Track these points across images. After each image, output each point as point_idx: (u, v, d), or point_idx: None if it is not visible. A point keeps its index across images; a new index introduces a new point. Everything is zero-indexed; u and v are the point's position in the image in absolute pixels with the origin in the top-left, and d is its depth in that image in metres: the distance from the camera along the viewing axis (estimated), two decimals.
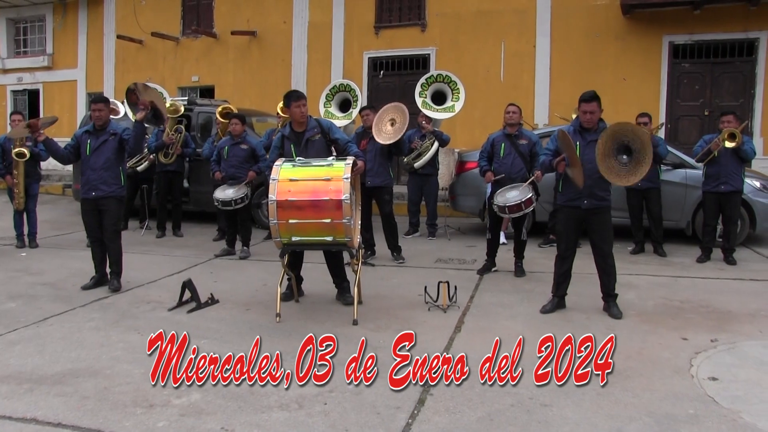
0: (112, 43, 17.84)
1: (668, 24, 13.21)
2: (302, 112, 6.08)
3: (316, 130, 6.13)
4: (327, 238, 5.56)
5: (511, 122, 7.40)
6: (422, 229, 10.10)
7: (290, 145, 6.12)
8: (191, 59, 16.96)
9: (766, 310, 6.06)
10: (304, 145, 6.08)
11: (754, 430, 3.67)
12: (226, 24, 16.33)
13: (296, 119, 6.12)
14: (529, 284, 7.04)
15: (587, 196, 5.77)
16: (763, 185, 9.02)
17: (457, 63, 13.71)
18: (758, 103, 12.91)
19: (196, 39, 16.86)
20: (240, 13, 16.25)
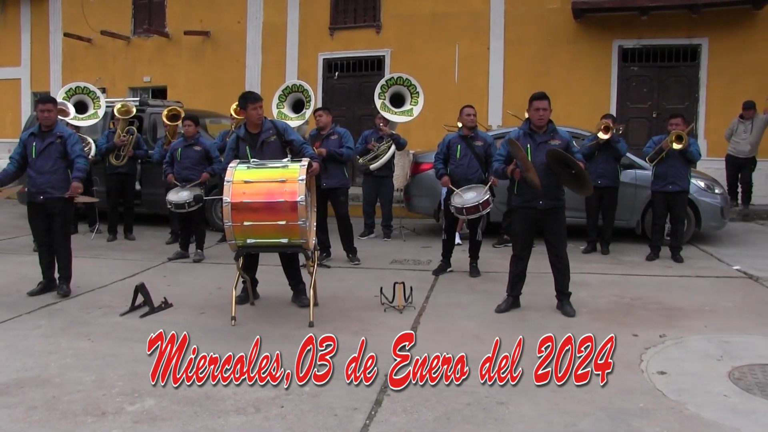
0: (58, 41, 17.37)
1: (618, 29, 13.48)
2: (259, 114, 6.06)
3: (272, 132, 6.11)
4: (282, 240, 5.55)
5: (470, 124, 7.48)
6: (377, 230, 10.14)
7: (245, 147, 6.08)
8: (143, 59, 16.68)
9: (710, 306, 6.25)
10: (259, 146, 6.05)
11: (699, 420, 3.80)
12: (179, 24, 16.11)
13: (252, 121, 6.09)
14: (484, 284, 7.13)
15: (543, 196, 5.86)
16: (707, 185, 9.30)
17: (412, 65, 13.75)
18: (702, 107, 13.26)
19: (148, 38, 16.60)
20: (193, 13, 16.05)
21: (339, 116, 13.70)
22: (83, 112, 10.44)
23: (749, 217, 11.71)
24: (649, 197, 8.98)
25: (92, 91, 10.54)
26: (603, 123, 8.63)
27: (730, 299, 6.52)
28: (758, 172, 11.83)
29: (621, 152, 8.78)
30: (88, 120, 10.44)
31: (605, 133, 8.55)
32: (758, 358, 4.76)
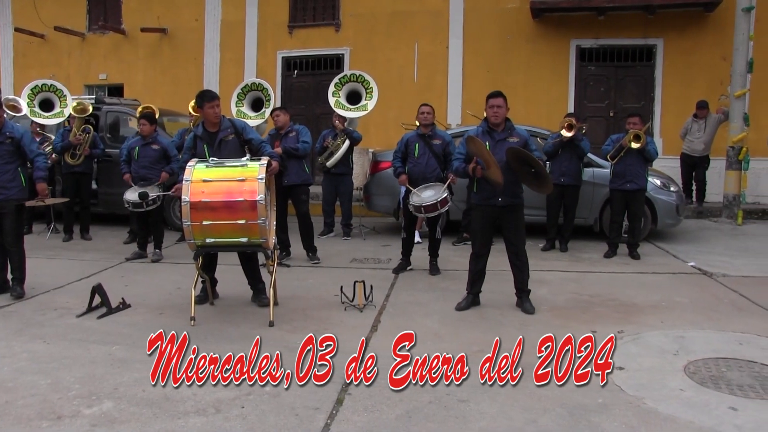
0: (9, 36, 16.88)
1: (575, 28, 13.66)
2: (216, 113, 5.98)
3: (230, 131, 6.05)
4: (242, 240, 5.50)
5: (425, 123, 7.50)
6: (337, 229, 10.11)
7: (203, 146, 6.01)
8: (98, 56, 16.35)
9: (667, 302, 6.37)
10: (217, 145, 5.99)
11: (656, 414, 3.87)
12: (136, 20, 15.83)
13: (209, 120, 6.02)
14: (444, 282, 7.15)
15: (502, 193, 5.90)
16: (663, 183, 9.47)
17: (371, 63, 13.75)
18: (657, 106, 13.51)
19: (104, 35, 16.28)
20: (150, 10, 15.78)
21: (298, 115, 13.69)
22: (49, 111, 10.21)
23: (703, 214, 11.98)
24: (606, 195, 9.13)
25: (59, 89, 10.31)
26: (567, 121, 8.73)
27: (685, 295, 6.65)
28: (711, 171, 12.09)
29: (584, 150, 8.89)
30: (54, 118, 10.22)
31: (569, 131, 8.64)
32: (712, 353, 4.87)
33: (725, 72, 12.12)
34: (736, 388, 4.25)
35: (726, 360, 4.74)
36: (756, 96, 12.15)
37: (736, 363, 4.69)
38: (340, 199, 10.01)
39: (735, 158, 11.48)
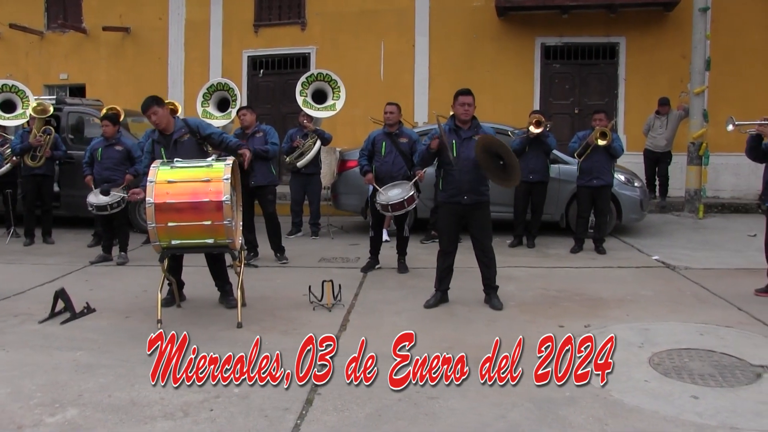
0: None
1: (540, 26, 13.78)
2: (156, 120, 5.92)
3: (184, 131, 5.98)
4: (208, 241, 5.45)
5: (389, 122, 7.52)
6: (305, 228, 10.07)
7: (160, 149, 5.96)
8: (59, 55, 16.04)
9: (632, 295, 6.47)
10: (172, 146, 5.92)
11: (622, 406, 3.94)
12: (97, 19, 15.56)
13: (156, 126, 5.98)
14: (412, 280, 7.17)
15: (468, 191, 5.93)
16: (627, 179, 9.61)
17: (337, 62, 13.71)
18: (620, 103, 13.70)
19: (64, 34, 15.98)
20: (112, 8, 15.53)
21: (264, 114, 13.56)
22: (11, 111, 10.00)
23: (666, 208, 12.18)
24: (572, 191, 9.25)
25: (21, 90, 10.09)
26: (534, 117, 8.79)
27: (649, 288, 6.77)
28: (674, 166, 12.30)
29: (551, 146, 8.99)
30: (16, 120, 10.00)
31: (537, 128, 8.71)
32: (675, 344, 4.96)
33: (685, 69, 12.33)
34: (698, 377, 4.35)
35: (688, 350, 4.84)
36: (714, 93, 12.38)
37: (697, 353, 4.79)
38: (308, 198, 9.98)
39: (695, 154, 11.68)
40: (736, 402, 3.97)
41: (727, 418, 3.76)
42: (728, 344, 4.97)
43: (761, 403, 3.97)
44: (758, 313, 5.80)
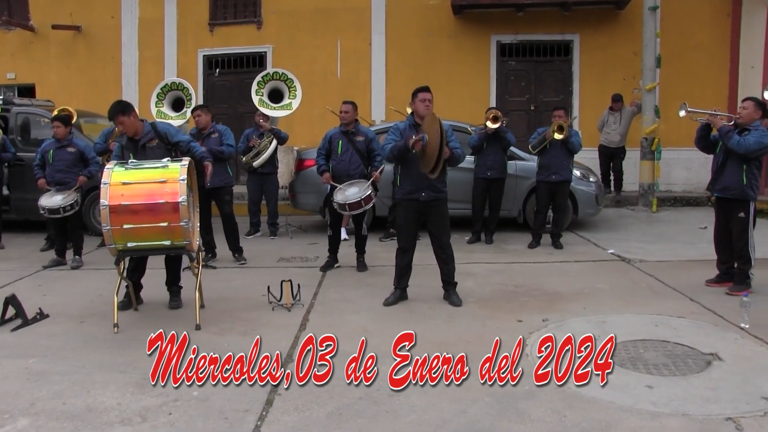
0: None
1: (495, 24, 13.89)
2: (123, 129, 5.87)
3: (151, 136, 5.91)
4: (165, 243, 5.38)
5: (344, 121, 7.51)
6: (263, 228, 10.01)
7: (129, 155, 5.87)
8: (5, 54, 15.54)
9: (589, 289, 6.59)
10: (141, 151, 5.85)
11: (580, 398, 4.01)
12: (46, 17, 15.14)
13: (124, 131, 5.91)
14: (371, 278, 7.18)
15: (425, 188, 5.96)
16: (582, 174, 9.76)
17: (294, 61, 13.64)
18: (575, 99, 13.89)
19: (10, 32, 15.49)
20: (61, 6, 15.14)
21: (220, 114, 13.47)
22: None
23: (621, 203, 12.41)
24: (530, 187, 9.39)
25: None
26: (491, 113, 8.85)
27: (605, 281, 6.89)
28: (628, 161, 12.54)
29: (510, 142, 9.08)
30: None
31: (494, 123, 8.77)
32: (631, 335, 5.07)
33: (637, 66, 12.58)
34: (652, 367, 4.45)
35: (643, 341, 4.95)
36: (665, 89, 12.67)
37: (652, 344, 4.91)
38: (265, 198, 9.91)
39: (648, 149, 11.92)
40: (687, 389, 4.08)
41: (680, 405, 3.86)
42: (681, 334, 5.09)
43: (710, 389, 4.09)
44: (709, 303, 5.96)
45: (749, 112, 6.24)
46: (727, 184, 6.33)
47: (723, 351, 4.71)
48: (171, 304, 6.09)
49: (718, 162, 6.43)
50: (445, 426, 3.69)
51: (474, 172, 9.13)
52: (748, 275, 6.33)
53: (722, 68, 13.47)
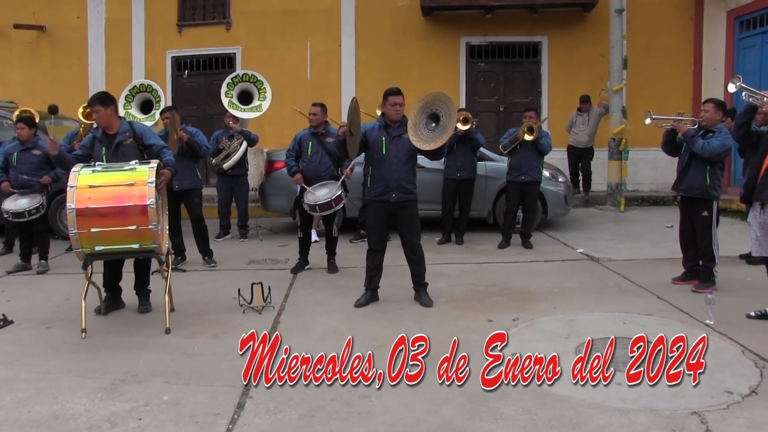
0: None
1: (465, 26, 13.98)
2: (96, 119, 5.82)
3: (128, 134, 5.85)
4: (133, 246, 5.32)
5: (313, 123, 7.51)
6: (234, 231, 9.95)
7: (101, 148, 5.81)
8: None
9: (558, 288, 6.65)
10: (114, 148, 5.78)
11: (551, 396, 4.05)
12: (7, 16, 14.81)
13: (99, 124, 5.84)
14: (342, 280, 7.18)
15: (395, 189, 5.97)
16: (551, 174, 9.86)
17: (264, 62, 13.58)
18: (544, 100, 14.04)
19: None
20: (24, 5, 14.84)
21: (190, 116, 13.37)
22: None
23: (590, 202, 12.56)
24: (499, 188, 9.46)
25: None
26: (461, 114, 8.90)
27: (575, 280, 6.97)
28: (596, 161, 12.68)
29: (480, 143, 9.13)
30: None
31: (464, 125, 8.82)
32: (600, 333, 5.10)
33: (604, 68, 12.73)
34: (621, 364, 4.48)
35: None
36: (631, 90, 12.89)
37: (620, 341, 4.94)
38: (235, 200, 9.86)
39: (616, 149, 12.07)
40: (655, 386, 4.12)
41: (648, 401, 3.92)
42: (649, 331, 5.13)
43: (677, 385, 4.14)
44: (675, 300, 6.06)
45: (711, 114, 6.37)
46: (692, 184, 6.45)
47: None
48: (140, 308, 6.03)
49: (683, 163, 6.55)
50: (418, 426, 3.70)
51: (443, 172, 9.17)
52: (713, 273, 6.45)
53: (686, 70, 13.74)
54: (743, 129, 5.54)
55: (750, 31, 12.22)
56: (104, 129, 5.85)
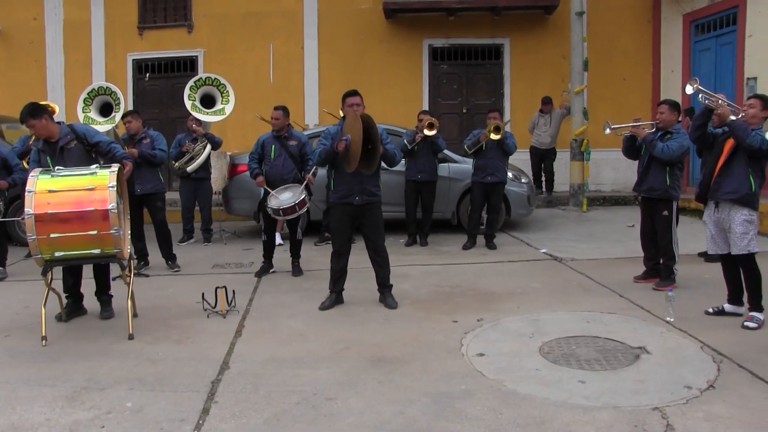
0: None
1: (427, 28, 14.05)
2: (34, 132, 5.70)
3: (70, 137, 5.74)
4: (94, 251, 5.24)
5: (276, 127, 7.49)
6: (197, 235, 9.87)
7: (47, 158, 5.69)
8: None
9: (522, 288, 6.70)
10: (59, 154, 5.68)
11: (515, 395, 4.07)
12: None
13: (39, 135, 5.72)
14: (307, 283, 7.16)
15: (359, 192, 5.98)
16: (514, 175, 9.94)
17: (226, 65, 13.51)
18: (507, 102, 14.17)
19: None
20: None
21: (152, 119, 13.22)
22: None
23: (552, 203, 12.70)
24: (463, 189, 9.52)
25: None
26: (428, 119, 8.92)
27: (538, 280, 7.03)
28: (558, 162, 12.84)
29: (441, 147, 9.17)
30: None
31: (430, 130, 8.86)
32: (563, 332, 5.18)
33: (565, 70, 12.91)
34: (584, 362, 4.56)
35: (575, 338, 5.07)
36: (592, 92, 13.11)
37: (584, 340, 5.02)
38: (199, 204, 9.77)
39: (578, 150, 12.23)
40: (618, 383, 4.20)
41: (611, 398, 3.97)
42: (611, 330, 5.24)
43: (639, 381, 4.23)
44: (637, 298, 6.15)
45: (667, 116, 6.51)
46: (652, 185, 6.57)
47: (650, 344, 4.87)
48: (102, 314, 5.93)
49: (643, 165, 6.67)
50: (384, 427, 3.70)
51: (405, 174, 9.21)
52: (673, 271, 6.57)
53: (645, 72, 14.00)
54: (700, 131, 5.66)
55: (705, 34, 12.49)
56: (46, 139, 5.73)
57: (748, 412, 3.75)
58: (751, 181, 5.31)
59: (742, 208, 5.32)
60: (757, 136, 5.17)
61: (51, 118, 5.76)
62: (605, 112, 12.67)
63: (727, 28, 11.72)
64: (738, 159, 5.34)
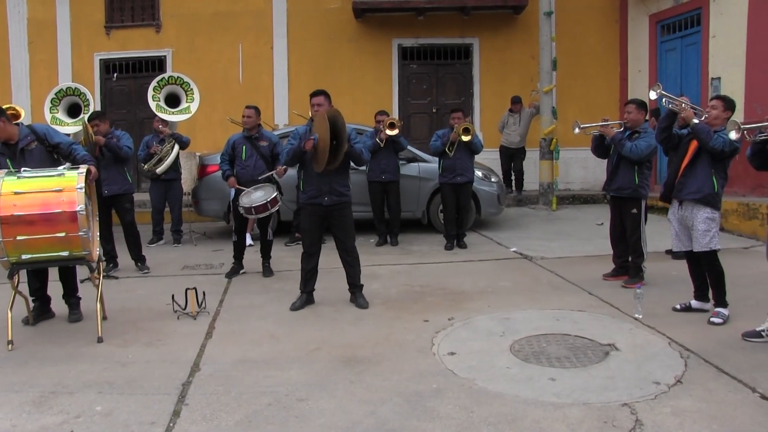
0: None
1: (397, 28, 14.07)
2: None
3: (30, 138, 5.62)
4: (62, 254, 5.17)
5: (247, 126, 7.46)
6: (167, 236, 9.79)
7: (6, 160, 5.56)
8: None
9: (492, 287, 6.75)
10: (19, 156, 5.56)
11: (486, 393, 4.10)
12: None
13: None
14: (278, 283, 7.14)
15: (328, 192, 5.98)
16: (484, 174, 10.01)
17: (194, 65, 13.40)
18: (476, 101, 14.25)
19: None
20: None
21: (119, 120, 13.10)
22: None
23: (522, 202, 12.79)
24: (433, 188, 9.55)
25: None
26: (388, 120, 8.96)
27: (508, 279, 7.09)
28: (528, 161, 12.94)
29: (403, 146, 9.21)
30: None
31: (391, 130, 8.90)
32: (534, 330, 5.23)
33: (534, 69, 13.03)
34: (555, 360, 4.61)
35: (546, 336, 5.11)
36: (561, 91, 13.27)
37: (554, 337, 5.07)
38: (169, 205, 9.68)
39: (547, 149, 12.34)
40: (588, 380, 4.25)
41: (581, 395, 4.02)
42: (581, 327, 5.30)
43: (608, 378, 4.28)
44: (606, 296, 6.23)
45: (634, 115, 6.60)
46: (621, 184, 6.66)
47: (619, 341, 4.93)
48: (71, 317, 5.85)
49: (612, 164, 6.76)
50: (355, 428, 3.70)
51: (367, 175, 9.23)
52: (641, 268, 6.67)
53: (613, 72, 14.15)
54: (665, 133, 5.75)
55: (671, 34, 12.67)
56: (5, 141, 5.60)
57: (713, 406, 3.83)
58: (714, 181, 5.42)
59: (705, 207, 5.42)
60: (719, 138, 5.26)
61: (9, 120, 5.63)
62: (574, 111, 12.85)
63: (692, 28, 11.91)
64: (702, 160, 5.45)
